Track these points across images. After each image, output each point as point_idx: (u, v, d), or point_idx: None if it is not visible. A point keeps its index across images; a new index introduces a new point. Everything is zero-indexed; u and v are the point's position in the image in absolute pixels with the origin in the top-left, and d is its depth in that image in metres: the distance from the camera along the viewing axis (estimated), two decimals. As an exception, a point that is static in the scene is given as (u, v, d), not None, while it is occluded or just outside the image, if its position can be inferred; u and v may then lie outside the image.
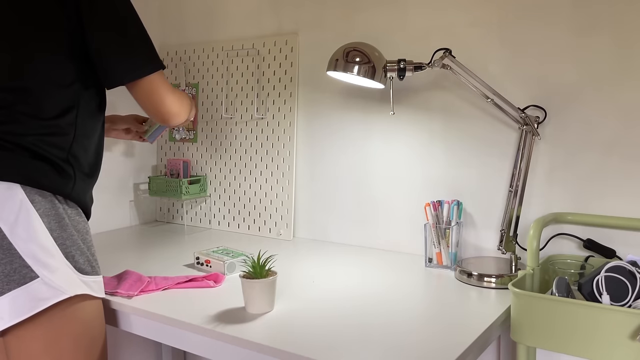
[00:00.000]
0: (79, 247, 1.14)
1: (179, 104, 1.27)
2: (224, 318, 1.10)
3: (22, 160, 1.10)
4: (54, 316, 1.09)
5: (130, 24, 1.17)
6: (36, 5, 1.13)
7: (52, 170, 1.12)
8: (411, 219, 1.59)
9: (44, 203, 1.10)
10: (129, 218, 2.02)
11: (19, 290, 1.05)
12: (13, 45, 1.13)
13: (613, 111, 1.29)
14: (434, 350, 0.96)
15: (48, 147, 1.12)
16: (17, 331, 1.09)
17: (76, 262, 1.12)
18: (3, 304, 1.05)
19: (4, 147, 1.10)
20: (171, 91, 1.25)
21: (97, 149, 1.25)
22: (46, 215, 1.10)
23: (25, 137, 1.11)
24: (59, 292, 1.08)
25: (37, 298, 1.06)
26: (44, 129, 1.12)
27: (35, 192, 1.09)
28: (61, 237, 1.11)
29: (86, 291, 1.13)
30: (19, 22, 1.13)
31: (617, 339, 0.96)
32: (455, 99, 1.50)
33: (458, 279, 1.36)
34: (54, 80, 1.13)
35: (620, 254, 1.29)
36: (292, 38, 1.76)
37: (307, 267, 1.46)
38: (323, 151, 1.74)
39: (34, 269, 1.06)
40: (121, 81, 1.18)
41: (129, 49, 1.17)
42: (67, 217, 1.13)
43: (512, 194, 1.36)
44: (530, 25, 1.37)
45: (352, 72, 1.34)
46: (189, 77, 2.01)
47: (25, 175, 1.09)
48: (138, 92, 1.21)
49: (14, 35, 1.13)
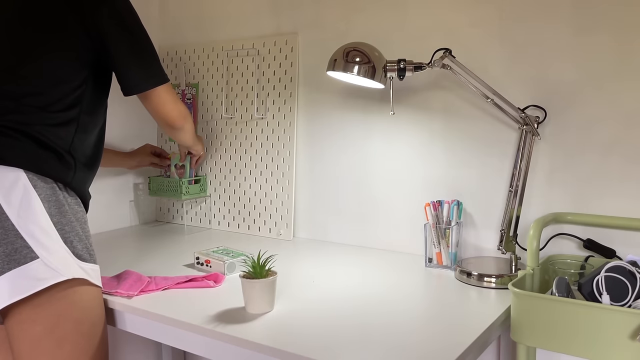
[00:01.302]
0: (77, 234, 1.18)
1: (186, 114, 1.43)
2: (224, 318, 1.10)
3: (27, 147, 1.16)
4: (54, 299, 1.12)
5: (143, 37, 1.30)
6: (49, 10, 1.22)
7: (54, 159, 1.19)
8: (411, 219, 1.59)
9: (46, 189, 1.16)
10: (129, 218, 2.02)
11: (19, 270, 1.09)
12: (25, 48, 1.21)
13: (613, 111, 1.29)
14: (434, 350, 0.96)
15: (52, 137, 1.19)
16: (18, 316, 1.11)
17: (74, 247, 1.16)
18: (3, 283, 1.08)
19: (10, 135, 1.16)
20: (179, 102, 1.40)
21: (97, 144, 1.33)
22: (47, 201, 1.15)
23: (31, 127, 1.18)
24: (57, 273, 1.11)
25: (36, 278, 1.09)
26: (49, 120, 1.20)
27: (38, 177, 1.15)
28: (60, 222, 1.15)
29: (84, 276, 1.16)
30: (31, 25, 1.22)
31: (617, 339, 0.96)
32: (455, 99, 1.50)
33: (458, 279, 1.36)
34: (64, 80, 1.21)
35: (620, 254, 1.29)
36: (292, 38, 1.76)
37: (307, 267, 1.46)
38: (323, 151, 1.74)
39: (34, 249, 1.10)
40: (139, 90, 1.31)
41: (145, 62, 1.30)
42: (67, 205, 1.19)
43: (512, 194, 1.36)
44: (530, 25, 1.37)
45: (352, 72, 1.34)
46: (189, 77, 2.01)
47: (29, 161, 1.15)
48: (153, 101, 1.34)
49: (27, 38, 1.21)
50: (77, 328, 1.15)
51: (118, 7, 1.25)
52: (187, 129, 1.47)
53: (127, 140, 1.98)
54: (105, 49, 1.24)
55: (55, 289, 1.12)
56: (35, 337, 1.11)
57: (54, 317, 1.12)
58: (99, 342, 1.19)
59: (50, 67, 1.20)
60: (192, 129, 1.52)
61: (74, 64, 1.22)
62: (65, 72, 1.21)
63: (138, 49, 1.28)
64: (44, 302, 1.11)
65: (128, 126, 1.98)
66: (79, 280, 1.15)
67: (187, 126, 1.46)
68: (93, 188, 1.86)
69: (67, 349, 1.13)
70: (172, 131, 1.44)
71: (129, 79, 1.29)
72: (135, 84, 1.30)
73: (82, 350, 1.16)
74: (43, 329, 1.12)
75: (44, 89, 1.19)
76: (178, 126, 1.41)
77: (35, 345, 1.12)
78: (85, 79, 1.24)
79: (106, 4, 1.23)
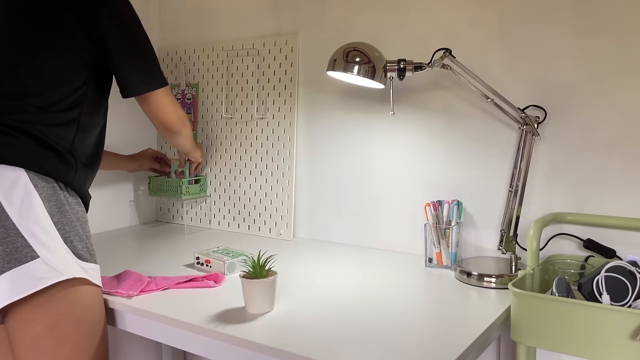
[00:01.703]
0: (77, 234, 1.18)
1: (184, 118, 1.43)
2: (224, 318, 1.10)
3: (28, 147, 1.17)
4: (54, 299, 1.12)
5: (143, 38, 1.31)
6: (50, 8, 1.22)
7: (55, 158, 1.19)
8: (411, 219, 1.59)
9: (47, 188, 1.16)
10: (129, 218, 2.02)
11: (19, 269, 1.09)
12: (27, 46, 1.21)
13: (613, 111, 1.29)
14: (434, 350, 0.96)
15: (53, 137, 1.20)
16: (18, 315, 1.11)
17: (75, 247, 1.16)
18: (3, 282, 1.08)
19: (11, 134, 1.17)
20: (177, 105, 1.41)
21: (97, 144, 1.33)
22: (47, 200, 1.15)
23: (32, 126, 1.18)
24: (57, 273, 1.11)
25: (36, 277, 1.09)
26: (51, 120, 1.20)
27: (39, 177, 1.15)
28: (61, 222, 1.15)
29: (84, 276, 1.16)
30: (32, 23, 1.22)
31: (617, 339, 0.96)
32: (455, 99, 1.50)
33: (458, 279, 1.36)
34: (65, 80, 1.22)
35: (620, 254, 1.29)
36: (292, 38, 1.76)
37: (307, 267, 1.46)
38: (323, 151, 1.74)
39: (34, 248, 1.10)
40: (137, 92, 1.31)
41: (144, 64, 1.30)
42: (67, 204, 1.19)
43: (512, 194, 1.36)
44: (530, 25, 1.37)
45: (352, 72, 1.34)
46: (189, 77, 2.01)
47: (30, 160, 1.15)
48: (152, 104, 1.35)
49: (28, 37, 1.21)
50: (78, 327, 1.15)
51: (118, 8, 1.25)
52: (185, 133, 1.47)
53: (129, 143, 1.98)
54: (105, 50, 1.24)
55: (56, 288, 1.12)
56: (35, 336, 1.11)
57: (55, 317, 1.12)
58: (99, 342, 1.19)
59: (50, 67, 1.20)
60: (190, 134, 1.52)
61: (75, 65, 1.22)
62: (65, 72, 1.21)
63: (137, 50, 1.28)
64: (45, 301, 1.11)
65: (130, 128, 1.98)
66: (80, 279, 1.15)
67: (184, 130, 1.46)
68: (93, 188, 1.87)
69: (68, 349, 1.13)
70: (170, 135, 1.44)
71: (128, 81, 1.29)
72: (134, 86, 1.30)
73: (83, 349, 1.15)
74: (43, 328, 1.12)
75: (44, 89, 1.19)
76: (175, 130, 1.41)
77: (35, 344, 1.11)
78: (86, 79, 1.24)
79: (106, 4, 1.23)
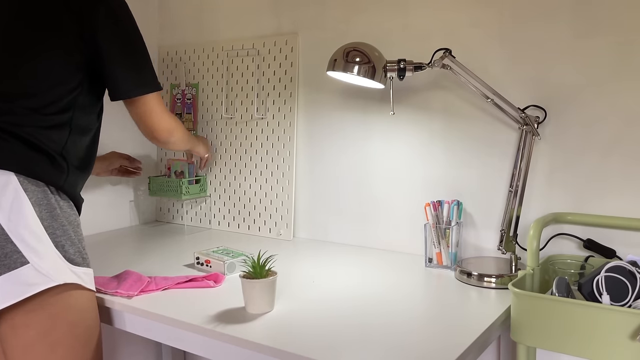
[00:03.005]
0: (69, 238, 1.16)
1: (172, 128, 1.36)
2: (224, 318, 1.10)
3: (18, 150, 1.14)
4: (47, 304, 1.11)
5: (138, 41, 1.27)
6: (47, 9, 1.20)
7: (46, 162, 1.16)
8: (411, 219, 1.59)
9: (37, 193, 1.13)
10: (129, 218, 2.02)
11: (9, 275, 1.07)
12: (21, 47, 1.19)
13: (613, 111, 1.29)
14: (434, 350, 0.96)
15: (44, 140, 1.17)
16: (10, 321, 1.10)
17: (66, 252, 1.14)
18: None
19: (1, 137, 1.13)
20: (167, 113, 1.35)
21: (90, 146, 1.30)
22: (38, 205, 1.12)
23: (22, 128, 1.15)
24: (47, 279, 1.09)
25: (26, 283, 1.08)
26: (42, 122, 1.17)
27: (29, 181, 1.12)
28: (52, 226, 1.13)
29: (76, 281, 1.14)
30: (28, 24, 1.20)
31: (617, 339, 0.96)
32: (456, 99, 1.50)
33: (458, 279, 1.36)
34: (58, 82, 1.19)
35: (620, 254, 1.29)
36: (292, 38, 1.76)
37: (307, 267, 1.46)
38: (323, 151, 1.74)
39: (24, 254, 1.08)
40: (127, 95, 1.26)
41: (137, 67, 1.26)
42: (58, 208, 1.16)
43: (512, 194, 1.36)
44: (530, 26, 1.37)
45: (352, 72, 1.34)
46: (188, 77, 2.01)
47: (20, 164, 1.12)
48: (139, 109, 1.29)
49: (23, 38, 1.19)
50: (72, 331, 1.13)
51: (115, 8, 1.23)
52: (174, 141, 1.40)
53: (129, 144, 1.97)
54: (97, 50, 1.21)
55: (48, 293, 1.10)
56: (28, 341, 1.10)
57: (48, 321, 1.11)
58: (94, 346, 1.18)
59: (44, 68, 1.18)
60: (181, 139, 1.44)
61: (69, 66, 1.20)
62: (59, 73, 1.19)
63: (131, 51, 1.25)
64: (37, 307, 1.10)
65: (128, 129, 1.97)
66: (73, 285, 1.14)
67: (172, 139, 1.38)
68: (93, 188, 1.88)
69: (61, 353, 1.12)
70: (158, 143, 1.38)
71: (119, 83, 1.24)
72: (125, 90, 1.25)
73: (77, 354, 1.14)
74: (37, 333, 1.10)
75: (37, 90, 1.17)
76: (163, 139, 1.35)
77: (28, 349, 1.10)
78: (80, 81, 1.22)
79: (103, 3, 1.21)
